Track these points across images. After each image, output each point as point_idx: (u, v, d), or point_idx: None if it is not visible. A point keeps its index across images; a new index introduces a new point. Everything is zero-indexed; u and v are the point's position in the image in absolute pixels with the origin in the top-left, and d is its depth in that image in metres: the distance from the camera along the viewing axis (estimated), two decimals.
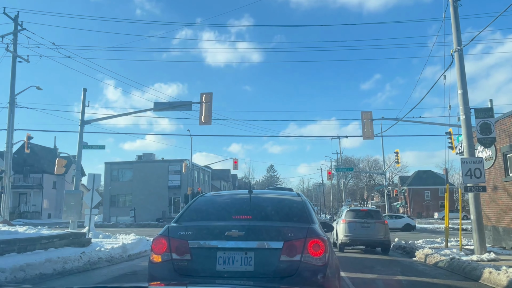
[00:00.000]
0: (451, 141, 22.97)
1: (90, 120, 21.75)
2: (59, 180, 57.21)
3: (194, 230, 4.10)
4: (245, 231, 3.93)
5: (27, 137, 26.07)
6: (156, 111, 22.05)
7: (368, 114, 21.62)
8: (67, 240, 13.32)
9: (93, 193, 17.15)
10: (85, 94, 21.20)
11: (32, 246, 11.59)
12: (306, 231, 3.98)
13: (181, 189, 53.41)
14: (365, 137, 21.70)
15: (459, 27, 13.45)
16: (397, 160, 42.50)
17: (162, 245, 4.05)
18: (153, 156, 61.49)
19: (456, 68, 13.34)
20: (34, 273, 9.11)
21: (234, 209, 4.72)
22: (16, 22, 22.56)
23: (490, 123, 12.89)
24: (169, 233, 4.13)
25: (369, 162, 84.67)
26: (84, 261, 11.07)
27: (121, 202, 56.39)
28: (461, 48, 13.27)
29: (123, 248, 13.61)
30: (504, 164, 15.99)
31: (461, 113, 13.17)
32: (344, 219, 16.81)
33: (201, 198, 5.13)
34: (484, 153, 16.96)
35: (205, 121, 19.30)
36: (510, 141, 15.33)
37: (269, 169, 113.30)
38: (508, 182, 15.54)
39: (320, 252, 3.86)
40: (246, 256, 3.85)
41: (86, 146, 21.33)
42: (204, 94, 19.47)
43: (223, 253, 3.88)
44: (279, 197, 5.36)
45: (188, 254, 3.93)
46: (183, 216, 4.58)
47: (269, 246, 3.87)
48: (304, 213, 4.52)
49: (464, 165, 12.53)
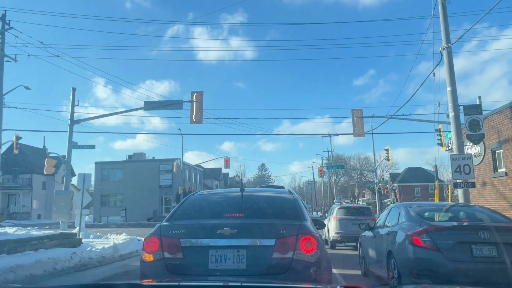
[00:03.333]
0: (441, 138, 23.19)
1: (79, 119, 21.56)
2: (48, 180, 56.70)
3: (185, 229, 4.10)
4: (237, 229, 3.94)
5: (15, 138, 25.80)
6: (147, 110, 21.91)
7: (358, 112, 21.73)
8: (57, 241, 13.20)
9: (84, 193, 17.01)
10: (74, 93, 21.01)
11: (22, 247, 11.46)
12: (298, 228, 4.00)
13: (173, 188, 53.25)
14: (355, 134, 21.81)
15: (448, 25, 13.57)
16: (388, 157, 42.75)
17: (153, 244, 4.05)
18: (144, 156, 61.24)
19: (445, 65, 13.46)
20: (24, 274, 9.03)
21: (226, 207, 4.72)
22: (3, 21, 22.25)
23: (478, 120, 13.04)
24: (160, 232, 4.12)
25: (360, 160, 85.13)
26: (75, 261, 11.00)
27: (112, 202, 56.05)
28: (450, 46, 13.39)
29: (114, 248, 13.54)
30: (493, 160, 16.18)
31: (450, 110, 13.30)
32: (335, 216, 16.89)
33: (192, 197, 5.13)
34: (473, 149, 17.15)
35: (196, 120, 19.25)
36: (499, 137, 15.52)
37: (261, 167, 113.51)
38: (497, 178, 15.74)
39: (312, 248, 3.88)
40: (239, 254, 3.86)
41: (76, 146, 21.16)
42: (195, 93, 19.41)
43: (215, 251, 3.89)
44: (271, 195, 5.37)
45: (180, 252, 3.93)
46: (175, 215, 4.57)
47: (261, 243, 3.89)
48: (296, 210, 4.54)
49: (453, 162, 12.66)
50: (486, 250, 5.97)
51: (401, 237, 6.74)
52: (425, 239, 6.17)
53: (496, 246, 5.95)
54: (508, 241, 5.98)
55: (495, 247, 5.95)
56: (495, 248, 5.94)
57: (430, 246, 6.08)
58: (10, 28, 22.37)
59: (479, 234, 6.03)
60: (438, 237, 6.12)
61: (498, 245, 5.93)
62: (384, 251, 7.41)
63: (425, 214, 7.10)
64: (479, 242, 6.00)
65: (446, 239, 6.09)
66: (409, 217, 7.09)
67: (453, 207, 8.48)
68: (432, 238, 6.12)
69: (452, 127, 13.42)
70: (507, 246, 5.91)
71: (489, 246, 5.97)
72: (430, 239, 6.12)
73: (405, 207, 7.67)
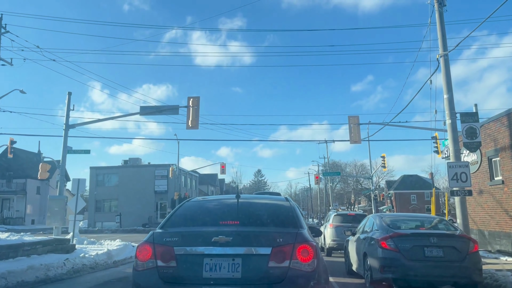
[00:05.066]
0: (437, 145, 23.19)
1: (75, 124, 21.42)
2: (43, 185, 56.32)
3: (180, 236, 3.99)
4: (233, 236, 3.85)
5: (10, 142, 25.59)
6: (143, 115, 21.81)
7: (355, 119, 21.72)
8: (50, 247, 13.04)
9: (78, 199, 16.85)
10: (70, 97, 20.88)
11: (14, 253, 11.31)
12: (294, 236, 3.92)
13: (168, 194, 52.99)
14: (352, 141, 21.79)
15: (445, 32, 13.58)
16: (384, 165, 42.77)
17: (146, 251, 3.94)
18: (139, 161, 60.93)
19: (442, 73, 13.44)
20: (15, 280, 8.89)
21: (222, 215, 4.63)
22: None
23: (475, 128, 13.01)
24: (154, 240, 4.01)
25: (356, 167, 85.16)
26: (68, 268, 10.85)
27: (107, 207, 55.64)
28: (447, 53, 13.39)
29: (108, 254, 13.39)
30: (489, 168, 16.16)
31: (447, 118, 13.27)
32: (331, 224, 16.79)
33: (187, 203, 5.02)
34: (469, 157, 17.13)
35: (192, 125, 19.16)
36: (495, 145, 15.51)
37: (257, 173, 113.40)
38: (494, 186, 15.71)
39: (309, 257, 3.79)
40: (234, 262, 3.77)
41: (71, 151, 20.99)
42: (191, 98, 19.34)
43: (209, 260, 3.79)
44: (267, 202, 5.27)
45: (174, 261, 3.83)
46: (169, 222, 4.47)
47: (257, 252, 3.80)
48: (292, 218, 4.45)
49: (450, 169, 12.61)
50: (435, 251, 7.70)
51: (373, 241, 8.44)
52: (389, 243, 7.88)
53: (442, 248, 7.72)
54: (451, 244, 7.83)
55: (442, 249, 7.71)
56: (442, 250, 7.71)
57: (393, 249, 7.80)
58: (6, 32, 22.26)
59: (430, 239, 7.80)
60: (399, 241, 7.84)
61: (444, 248, 7.73)
62: (361, 252, 9.11)
63: (392, 224, 8.85)
64: (430, 245, 7.73)
65: (405, 243, 7.80)
66: (380, 225, 8.83)
67: (416, 218, 10.35)
68: (395, 242, 7.85)
69: (449, 134, 13.39)
70: (450, 248, 7.76)
71: (437, 249, 7.71)
72: (393, 243, 7.84)
73: (379, 217, 9.53)
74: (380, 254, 7.90)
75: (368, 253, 8.55)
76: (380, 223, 8.92)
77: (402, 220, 9.63)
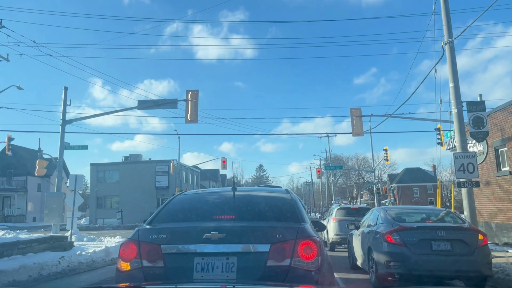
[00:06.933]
0: (441, 137, 22.78)
1: (72, 119, 21.07)
2: (44, 182, 56.03)
3: (167, 233, 3.59)
4: (227, 232, 3.45)
5: (7, 139, 25.27)
6: (141, 109, 21.42)
7: (357, 111, 21.33)
8: (47, 244, 12.74)
9: (75, 195, 16.54)
10: (66, 92, 20.53)
11: (9, 251, 11.01)
12: (296, 232, 3.53)
13: (169, 190, 52.66)
14: (354, 134, 21.41)
15: (450, 19, 13.13)
16: (386, 158, 42.31)
17: (131, 250, 3.54)
18: (140, 157, 60.61)
19: (447, 61, 13.01)
20: (7, 280, 8.56)
21: (216, 208, 4.24)
22: None
23: (482, 117, 12.59)
24: (139, 237, 3.61)
25: (358, 160, 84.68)
26: (63, 266, 10.50)
27: (108, 204, 55.39)
28: (452, 40, 12.95)
29: (106, 252, 13.06)
30: (496, 158, 15.75)
31: (453, 107, 12.85)
32: (334, 218, 16.46)
33: (179, 197, 4.61)
34: (475, 148, 16.71)
35: (191, 119, 18.80)
36: (502, 135, 15.09)
37: (259, 168, 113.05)
38: (501, 177, 15.31)
39: (312, 255, 3.40)
40: (228, 261, 3.38)
41: (68, 147, 20.64)
42: (190, 92, 18.96)
43: (201, 259, 3.40)
44: (266, 194, 4.83)
45: (161, 260, 3.44)
46: (157, 217, 4.05)
47: (254, 249, 3.40)
48: (293, 211, 4.05)
49: (457, 160, 12.20)
50: (443, 245, 7.43)
51: (378, 235, 8.19)
52: (395, 237, 7.63)
53: (450, 242, 7.45)
54: (459, 237, 7.55)
55: (450, 243, 7.44)
56: (450, 243, 7.44)
57: (399, 243, 7.54)
58: (1, 27, 21.86)
59: (437, 233, 7.52)
60: (405, 235, 7.58)
61: (452, 241, 7.46)
62: (366, 247, 8.88)
63: (397, 217, 8.58)
64: (437, 239, 7.46)
65: (412, 237, 7.52)
66: (385, 219, 8.58)
67: (422, 211, 10.10)
68: (401, 236, 7.59)
69: (455, 124, 12.96)
70: (458, 242, 7.48)
71: (445, 242, 7.44)
72: (399, 237, 7.58)
73: (383, 210, 9.25)
74: (386, 248, 7.67)
75: (373, 247, 8.33)
76: (385, 216, 8.67)
77: (408, 213, 9.39)
